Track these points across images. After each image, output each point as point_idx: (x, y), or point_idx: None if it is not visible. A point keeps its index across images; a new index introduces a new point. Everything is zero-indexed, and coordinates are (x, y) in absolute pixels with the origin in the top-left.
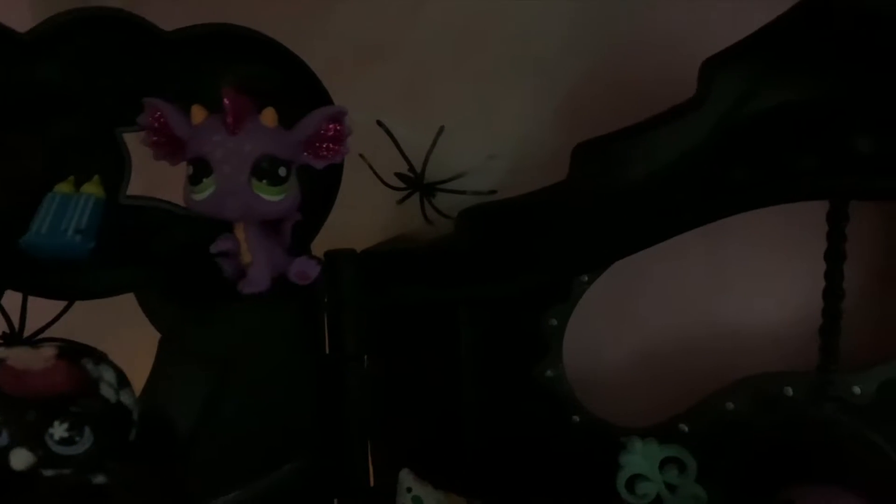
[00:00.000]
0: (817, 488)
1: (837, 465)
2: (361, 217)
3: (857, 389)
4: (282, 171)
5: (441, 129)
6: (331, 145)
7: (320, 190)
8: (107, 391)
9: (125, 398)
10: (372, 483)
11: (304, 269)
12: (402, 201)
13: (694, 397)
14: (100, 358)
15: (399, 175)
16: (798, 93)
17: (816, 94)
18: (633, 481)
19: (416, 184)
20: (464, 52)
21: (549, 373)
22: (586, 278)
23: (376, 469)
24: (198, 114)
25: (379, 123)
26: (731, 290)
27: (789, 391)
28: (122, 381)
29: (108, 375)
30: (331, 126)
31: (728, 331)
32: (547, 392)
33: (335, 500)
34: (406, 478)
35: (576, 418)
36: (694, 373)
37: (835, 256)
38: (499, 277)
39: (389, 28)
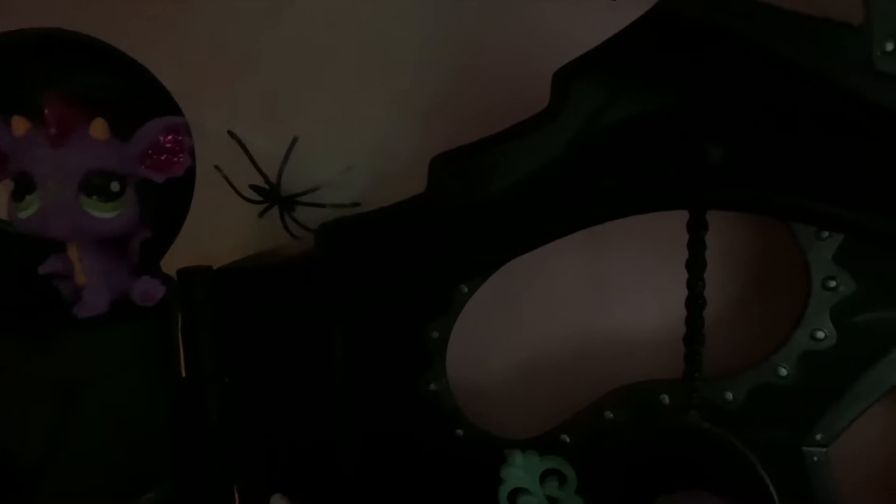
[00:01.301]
0: (685, 495)
1: (709, 472)
2: (223, 233)
3: (728, 395)
4: (114, 187)
5: (295, 140)
6: (170, 157)
7: (171, 204)
8: None
9: None
10: None
11: (148, 290)
12: (262, 214)
13: (578, 407)
14: None
15: (254, 187)
16: (653, 103)
17: (669, 104)
18: (514, 495)
19: (274, 196)
20: (322, 60)
21: (432, 386)
22: (466, 289)
23: (244, 497)
24: (19, 125)
25: (230, 134)
26: (612, 297)
27: (665, 399)
28: None
29: None
30: (169, 137)
31: (610, 339)
32: (430, 406)
33: None
34: (278, 502)
35: (459, 432)
36: (578, 382)
37: (695, 265)
38: (366, 291)
39: (247, 36)
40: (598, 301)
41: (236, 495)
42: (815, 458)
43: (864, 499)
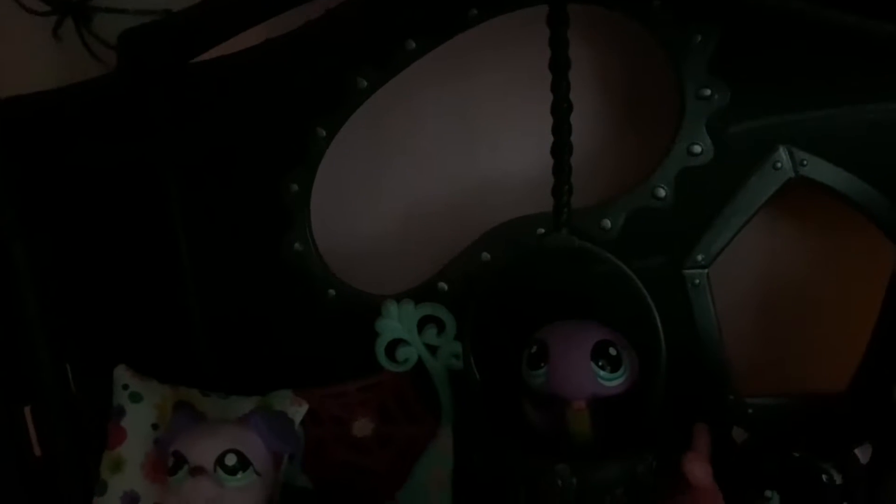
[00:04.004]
0: (565, 324)
1: (590, 303)
2: (9, 66)
3: (606, 223)
4: None
5: None
6: None
7: None
8: None
9: None
10: (73, 388)
11: None
12: (56, 31)
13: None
14: None
15: None
16: None
17: None
18: (393, 349)
19: (64, 4)
20: None
21: (297, 246)
22: (323, 133)
23: (79, 371)
24: None
25: None
26: (481, 141)
27: (541, 231)
28: None
29: None
30: None
31: (481, 183)
32: (297, 268)
33: (26, 408)
34: (122, 375)
35: (332, 292)
36: (452, 231)
37: (558, 66)
38: (186, 122)
39: None
40: (466, 146)
41: (69, 371)
42: (697, 281)
43: (742, 318)
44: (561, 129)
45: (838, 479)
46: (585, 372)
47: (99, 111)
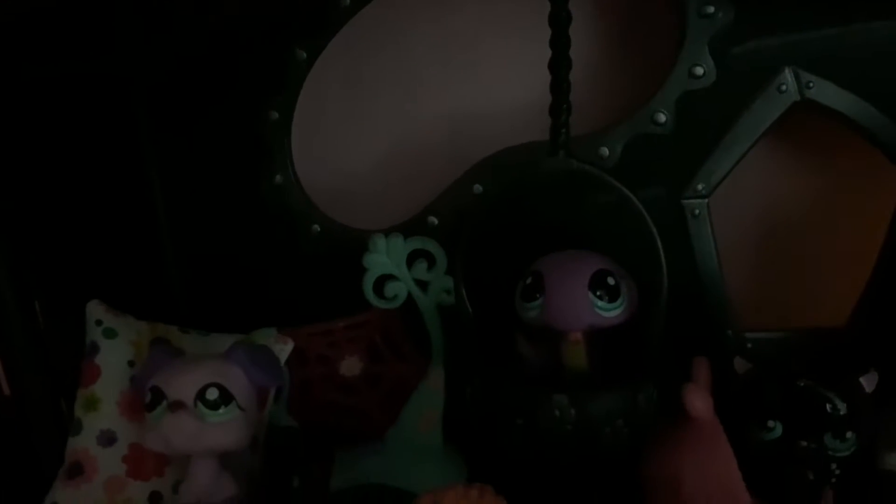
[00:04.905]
0: (561, 254)
1: (586, 232)
2: None
3: (604, 151)
4: None
5: None
6: None
7: None
8: None
9: None
10: (42, 324)
11: None
12: None
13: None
14: None
15: None
16: None
17: None
18: (381, 285)
19: None
20: None
21: (278, 179)
22: (304, 55)
23: (48, 308)
24: None
25: None
26: (472, 70)
27: (536, 161)
28: None
29: None
30: None
31: (472, 117)
32: (278, 203)
33: None
34: (95, 310)
35: (316, 228)
36: (443, 164)
37: None
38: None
39: None
40: (454, 75)
41: (36, 307)
42: (696, 212)
43: (741, 252)
44: (559, 42)
45: (843, 408)
46: (583, 302)
47: (62, 23)
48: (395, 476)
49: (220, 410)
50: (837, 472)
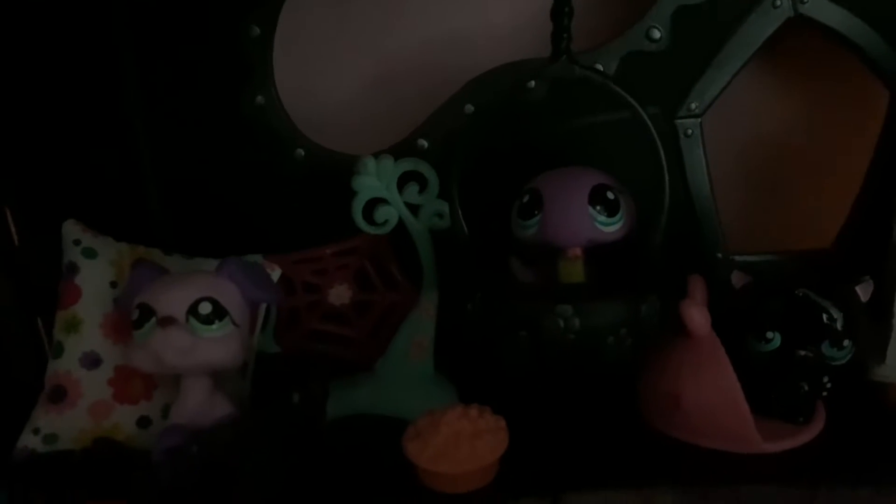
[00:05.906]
0: (558, 171)
1: (580, 146)
2: None
3: (598, 68)
4: None
5: None
6: None
7: None
8: None
9: None
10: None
11: None
12: None
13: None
14: None
15: None
16: None
17: None
18: (371, 210)
19: None
20: None
21: (259, 99)
22: None
23: (22, 226)
24: None
25: None
26: None
27: (531, 84)
28: None
29: None
30: None
31: (465, 38)
32: (260, 125)
33: None
34: (72, 229)
35: (300, 152)
36: (434, 87)
37: None
38: None
39: None
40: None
41: (9, 217)
42: (689, 132)
43: (733, 172)
44: None
45: (840, 316)
46: (582, 216)
47: None
48: (387, 404)
49: (214, 325)
50: (829, 385)
